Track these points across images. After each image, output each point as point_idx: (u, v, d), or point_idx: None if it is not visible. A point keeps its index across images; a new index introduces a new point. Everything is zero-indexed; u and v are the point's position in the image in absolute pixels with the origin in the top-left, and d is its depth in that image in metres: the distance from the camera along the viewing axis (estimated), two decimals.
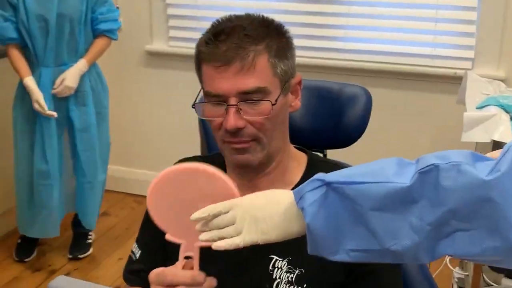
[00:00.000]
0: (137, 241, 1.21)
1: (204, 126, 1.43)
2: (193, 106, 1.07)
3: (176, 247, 0.96)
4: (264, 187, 1.07)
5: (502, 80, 2.62)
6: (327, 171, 1.08)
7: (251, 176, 1.10)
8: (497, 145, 1.96)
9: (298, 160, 1.14)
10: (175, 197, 0.91)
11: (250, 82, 1.01)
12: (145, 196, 1.16)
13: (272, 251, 1.06)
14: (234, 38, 1.01)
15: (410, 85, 2.89)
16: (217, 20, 1.07)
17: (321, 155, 1.30)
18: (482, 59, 2.74)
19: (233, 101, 1.02)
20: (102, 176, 2.76)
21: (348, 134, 1.22)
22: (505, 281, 2.06)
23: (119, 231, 3.00)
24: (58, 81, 2.52)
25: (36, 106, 2.48)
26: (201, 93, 1.07)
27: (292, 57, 1.09)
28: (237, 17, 1.07)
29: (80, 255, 2.84)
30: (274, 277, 1.05)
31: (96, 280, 2.68)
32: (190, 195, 0.89)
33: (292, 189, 1.06)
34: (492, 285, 2.07)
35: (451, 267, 2.53)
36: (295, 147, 1.17)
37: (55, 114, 2.50)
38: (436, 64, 2.82)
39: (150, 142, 3.33)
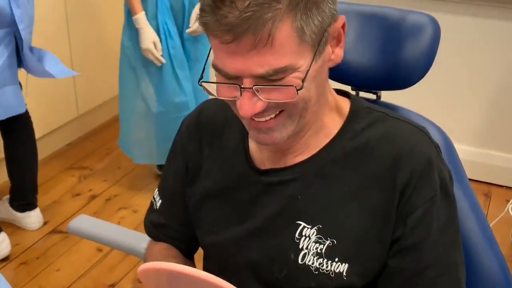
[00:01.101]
0: (159, 188, 1.11)
1: None
2: (199, 83, 0.84)
3: (193, 192, 0.99)
4: (296, 150, 0.93)
5: None
6: (371, 121, 0.90)
7: (280, 145, 0.91)
8: None
9: (338, 109, 0.93)
10: None
11: (266, 63, 0.77)
12: None
13: (299, 216, 0.90)
14: (241, 1, 0.74)
15: (484, 11, 2.62)
16: None
17: (373, 97, 1.09)
18: None
19: (247, 83, 0.79)
20: None
21: (409, 73, 1.00)
22: None
23: None
24: (194, 14, 2.36)
25: (151, 46, 2.33)
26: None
27: None
28: None
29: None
30: (300, 246, 0.89)
31: (135, 207, 2.64)
32: None
33: (329, 142, 0.90)
34: None
35: None
36: (337, 90, 0.96)
37: (164, 60, 2.38)
38: None
39: None
